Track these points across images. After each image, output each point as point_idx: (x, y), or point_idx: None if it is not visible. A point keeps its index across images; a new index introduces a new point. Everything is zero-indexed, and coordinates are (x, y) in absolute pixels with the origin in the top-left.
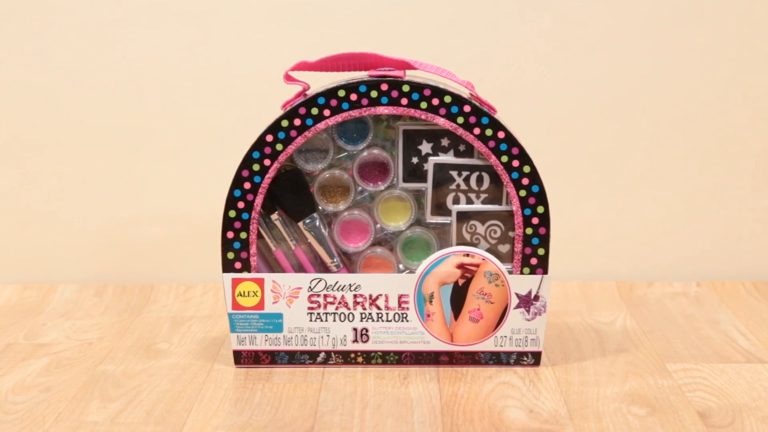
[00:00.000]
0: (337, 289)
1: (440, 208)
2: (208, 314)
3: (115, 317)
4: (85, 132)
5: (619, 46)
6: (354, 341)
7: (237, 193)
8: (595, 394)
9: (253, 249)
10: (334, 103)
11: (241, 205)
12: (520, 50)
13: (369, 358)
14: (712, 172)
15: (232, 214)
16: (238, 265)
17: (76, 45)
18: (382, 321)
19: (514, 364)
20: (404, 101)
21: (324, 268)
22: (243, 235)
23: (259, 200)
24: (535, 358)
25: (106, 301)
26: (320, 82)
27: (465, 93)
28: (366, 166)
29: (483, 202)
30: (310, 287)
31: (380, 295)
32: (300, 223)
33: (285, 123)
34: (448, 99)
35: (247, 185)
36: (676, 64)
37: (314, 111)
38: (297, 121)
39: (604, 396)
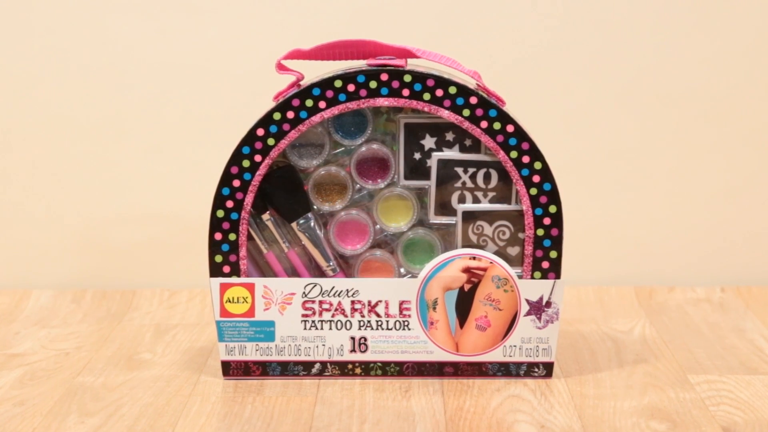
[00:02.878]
0: (334, 294)
1: (444, 208)
2: (195, 322)
3: (94, 325)
4: (62, 125)
5: (639, 32)
6: (351, 351)
7: (225, 191)
8: (612, 408)
9: (242, 252)
10: (330, 94)
11: (229, 204)
12: (531, 37)
13: (368, 370)
14: (738, 168)
15: (221, 214)
16: (226, 269)
17: (53, 32)
18: (382, 329)
19: (524, 375)
20: (406, 92)
21: (319, 273)
22: (232, 236)
23: (249, 199)
24: (547, 369)
25: (84, 308)
26: (315, 71)
27: (471, 83)
28: (364, 163)
29: (491, 201)
30: (304, 293)
31: (380, 301)
32: (293, 224)
33: (277, 116)
34: (453, 90)
35: (236, 183)
36: (701, 53)
37: (309, 103)
38: (290, 114)
39: (621, 410)
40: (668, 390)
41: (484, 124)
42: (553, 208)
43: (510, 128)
